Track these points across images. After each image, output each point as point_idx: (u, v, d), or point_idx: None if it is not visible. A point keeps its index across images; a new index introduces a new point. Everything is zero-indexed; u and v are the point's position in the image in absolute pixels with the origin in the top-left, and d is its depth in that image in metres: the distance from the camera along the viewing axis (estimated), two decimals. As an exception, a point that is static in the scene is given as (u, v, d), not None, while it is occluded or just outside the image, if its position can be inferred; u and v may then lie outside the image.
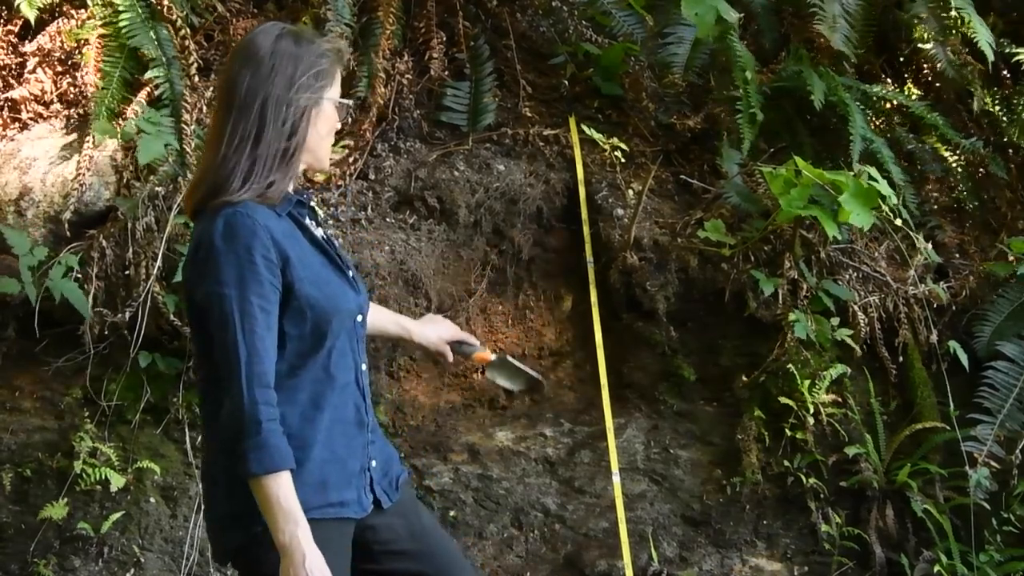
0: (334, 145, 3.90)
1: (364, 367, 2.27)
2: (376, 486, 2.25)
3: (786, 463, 3.80)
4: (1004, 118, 4.70)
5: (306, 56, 2.18)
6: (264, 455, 2.00)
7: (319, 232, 2.28)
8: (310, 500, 2.08)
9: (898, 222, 3.97)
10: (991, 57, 4.16)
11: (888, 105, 4.55)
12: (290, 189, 2.20)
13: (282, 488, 2.01)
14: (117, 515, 3.49)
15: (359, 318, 2.26)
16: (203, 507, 2.31)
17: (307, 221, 2.24)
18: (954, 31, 4.41)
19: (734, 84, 4.12)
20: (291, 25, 2.30)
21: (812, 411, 3.76)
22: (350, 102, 2.39)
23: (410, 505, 2.39)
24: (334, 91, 2.24)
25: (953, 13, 4.30)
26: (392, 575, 2.32)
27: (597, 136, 4.12)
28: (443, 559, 2.35)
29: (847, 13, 4.25)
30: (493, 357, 2.71)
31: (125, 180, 3.75)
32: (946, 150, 4.59)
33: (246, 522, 2.09)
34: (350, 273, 2.28)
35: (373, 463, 2.25)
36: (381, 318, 2.61)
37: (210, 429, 2.20)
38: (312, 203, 2.34)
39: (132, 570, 3.50)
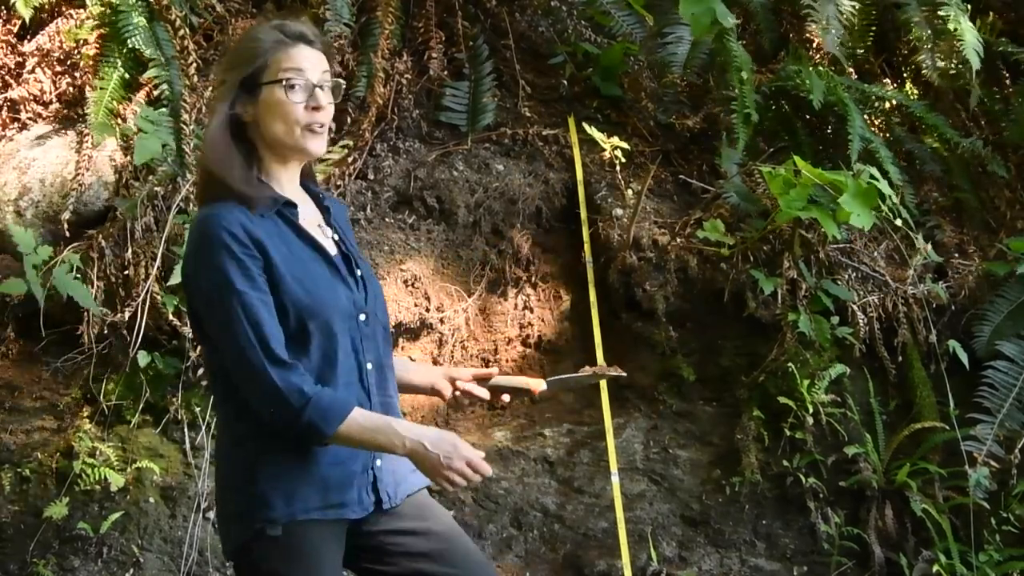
0: (333, 144, 3.94)
1: (370, 366, 2.20)
2: (380, 484, 2.20)
3: (785, 463, 3.79)
4: (1003, 117, 4.70)
5: (244, 42, 2.12)
6: (328, 414, 2.02)
7: (325, 231, 2.22)
8: (310, 500, 2.08)
9: (898, 222, 3.96)
10: (976, 65, 4.16)
11: (887, 105, 4.54)
12: (281, 190, 2.14)
13: (361, 422, 2.05)
14: (116, 515, 3.48)
15: (362, 317, 2.19)
16: (215, 504, 2.28)
17: (301, 221, 2.16)
18: (945, 35, 4.38)
19: (729, 84, 4.12)
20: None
21: (811, 411, 3.75)
22: (304, 80, 2.08)
23: (428, 506, 2.36)
24: (273, 73, 2.07)
25: (942, 13, 4.28)
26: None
27: (597, 135, 4.11)
28: (466, 561, 2.30)
29: (841, 14, 4.24)
30: (544, 386, 2.43)
31: (124, 180, 3.75)
32: (945, 150, 4.59)
33: (248, 519, 2.08)
34: (358, 272, 2.23)
35: (378, 462, 2.20)
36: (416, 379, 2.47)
37: (228, 427, 2.17)
38: (327, 202, 2.27)
39: (131, 570, 3.50)
